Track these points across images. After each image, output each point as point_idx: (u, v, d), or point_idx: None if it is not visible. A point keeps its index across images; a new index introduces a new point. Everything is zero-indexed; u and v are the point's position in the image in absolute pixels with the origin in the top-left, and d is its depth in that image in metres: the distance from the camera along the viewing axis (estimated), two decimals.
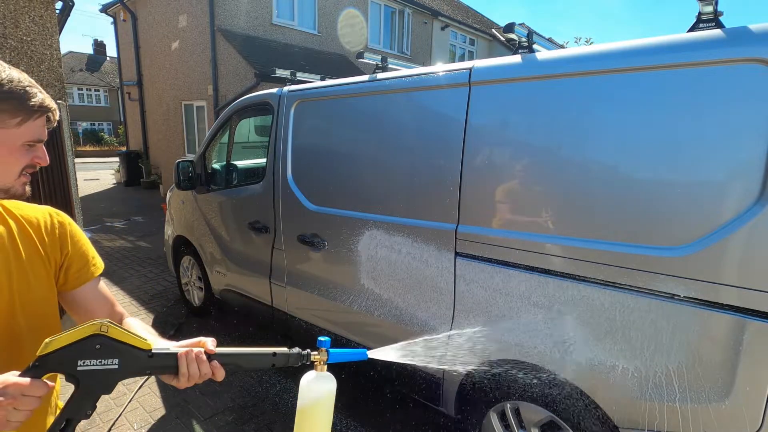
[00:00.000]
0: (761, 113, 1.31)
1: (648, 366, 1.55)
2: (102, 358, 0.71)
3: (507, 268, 1.85)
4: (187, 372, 0.76)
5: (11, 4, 3.24)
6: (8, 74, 0.78)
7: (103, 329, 0.71)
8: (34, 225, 0.92)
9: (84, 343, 0.70)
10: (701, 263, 1.42)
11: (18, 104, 0.78)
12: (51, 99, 0.86)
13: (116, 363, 0.72)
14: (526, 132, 1.82)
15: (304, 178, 2.74)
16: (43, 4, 3.47)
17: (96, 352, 0.71)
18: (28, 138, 0.81)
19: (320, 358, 0.87)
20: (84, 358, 0.70)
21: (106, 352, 0.71)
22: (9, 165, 0.80)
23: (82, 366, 0.70)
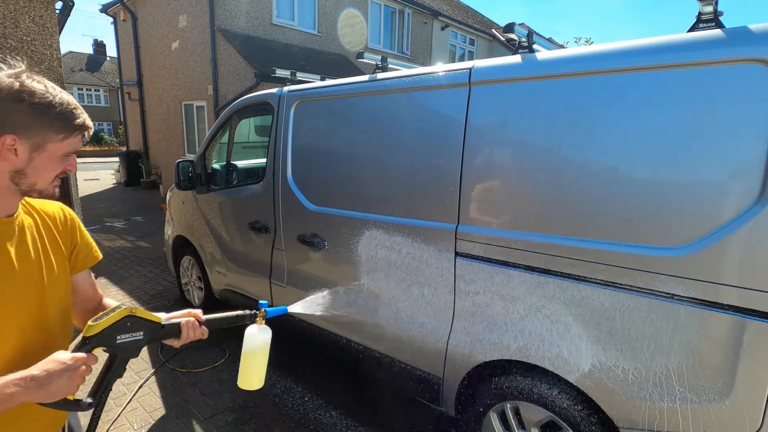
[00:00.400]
0: (761, 113, 1.31)
1: (648, 366, 1.55)
2: (132, 332, 0.96)
3: (507, 268, 1.85)
4: (187, 336, 1.08)
5: (11, 4, 3.23)
6: (60, 98, 0.92)
7: (133, 311, 0.97)
8: (51, 218, 1.08)
9: (120, 323, 0.94)
10: (701, 263, 1.42)
11: (65, 123, 0.93)
12: (89, 118, 1.02)
13: (141, 334, 0.98)
14: (526, 132, 1.82)
15: (304, 178, 2.74)
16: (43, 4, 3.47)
17: (128, 328, 0.96)
18: (67, 150, 0.96)
19: (261, 315, 1.24)
20: (120, 334, 0.95)
21: (135, 327, 0.97)
22: (48, 172, 0.95)
23: (120, 340, 0.95)
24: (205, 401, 2.80)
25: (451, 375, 2.09)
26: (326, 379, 3.08)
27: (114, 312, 0.93)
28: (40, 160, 0.92)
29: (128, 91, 13.73)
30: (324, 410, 2.75)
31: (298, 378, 3.10)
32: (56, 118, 0.91)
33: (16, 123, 0.88)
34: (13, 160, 0.90)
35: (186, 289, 4.20)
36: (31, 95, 0.88)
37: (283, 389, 2.97)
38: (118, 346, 0.94)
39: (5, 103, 0.86)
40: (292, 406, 2.78)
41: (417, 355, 2.23)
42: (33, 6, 3.39)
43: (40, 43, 3.46)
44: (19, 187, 0.94)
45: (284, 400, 2.84)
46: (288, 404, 2.80)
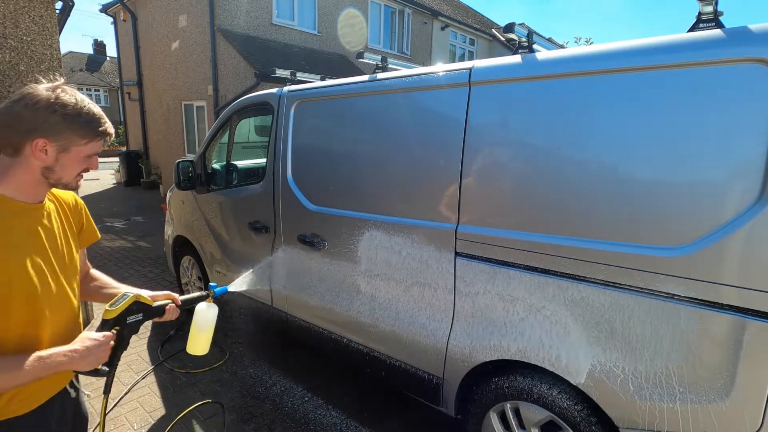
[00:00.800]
0: (761, 113, 1.31)
1: (648, 366, 1.55)
2: (136, 314, 1.23)
3: (507, 268, 1.85)
4: (168, 316, 1.36)
5: (11, 4, 3.23)
6: (88, 109, 1.09)
7: (139, 298, 1.24)
8: (66, 204, 1.28)
9: (131, 307, 1.21)
10: (701, 263, 1.42)
11: (89, 131, 1.10)
12: (111, 125, 1.17)
13: (141, 315, 1.25)
14: (526, 132, 1.82)
15: (304, 178, 2.74)
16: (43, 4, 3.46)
17: (133, 311, 1.22)
18: (89, 152, 1.13)
19: (210, 294, 1.51)
20: (129, 315, 1.21)
21: (138, 309, 1.24)
22: (73, 170, 1.13)
23: (129, 320, 1.21)
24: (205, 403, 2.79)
25: (451, 375, 2.09)
26: (326, 379, 3.08)
27: (125, 299, 1.20)
28: (66, 159, 1.10)
29: (128, 91, 13.73)
30: (324, 410, 2.75)
31: (298, 378, 3.09)
32: (82, 126, 1.08)
33: (48, 129, 1.05)
34: (43, 159, 1.07)
35: (186, 289, 4.20)
36: (63, 107, 1.05)
37: (283, 389, 2.96)
38: (127, 325, 1.20)
39: (41, 112, 1.04)
40: (292, 406, 2.78)
41: (417, 354, 2.23)
42: (33, 6, 3.38)
43: (40, 43, 3.46)
44: (48, 180, 1.11)
45: (284, 400, 2.84)
46: (288, 404, 2.80)
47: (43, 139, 1.05)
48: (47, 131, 1.05)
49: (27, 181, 1.09)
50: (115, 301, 1.19)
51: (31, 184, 1.10)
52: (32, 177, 1.09)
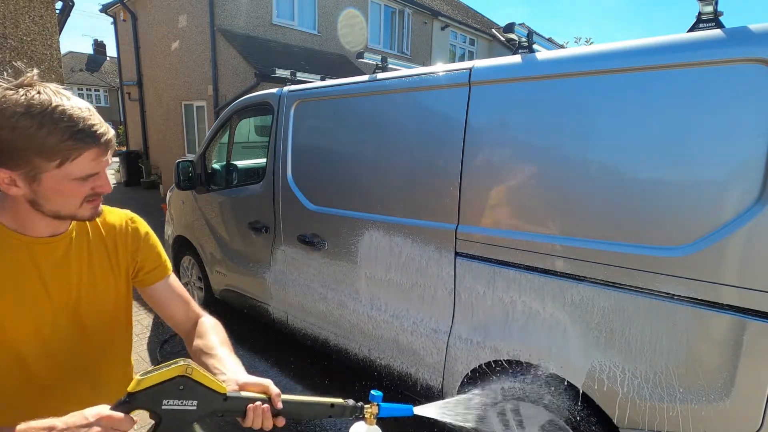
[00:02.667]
0: (761, 113, 1.31)
1: (648, 366, 1.55)
2: (184, 399, 0.75)
3: (507, 268, 1.85)
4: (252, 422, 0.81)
5: (11, 4, 3.24)
6: (53, 108, 0.78)
7: (188, 371, 0.75)
8: (110, 230, 1.01)
9: (170, 383, 0.74)
10: (701, 263, 1.42)
11: (52, 149, 0.78)
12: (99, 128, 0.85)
13: (195, 404, 0.76)
14: (526, 132, 1.82)
15: (304, 178, 2.74)
16: (43, 4, 3.47)
17: (179, 393, 0.74)
18: (77, 175, 0.81)
19: (372, 412, 0.88)
20: (168, 398, 0.74)
21: (188, 393, 0.75)
22: (65, 199, 0.83)
23: (166, 405, 0.74)
24: None
25: (451, 375, 2.09)
26: (326, 379, 3.08)
27: (167, 368, 0.74)
28: (44, 190, 0.80)
29: (128, 91, 13.73)
30: None
31: (298, 378, 3.09)
32: (42, 141, 0.75)
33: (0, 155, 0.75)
34: (17, 191, 0.79)
35: (186, 289, 4.20)
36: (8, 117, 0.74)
37: (283, 389, 2.96)
38: (163, 413, 0.74)
39: None
40: None
41: (417, 354, 2.23)
42: (33, 6, 3.39)
43: (40, 43, 3.46)
44: (44, 214, 0.84)
45: None
46: None
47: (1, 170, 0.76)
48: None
49: (23, 212, 0.84)
50: (155, 369, 0.75)
51: (28, 215, 0.85)
52: (26, 209, 0.83)
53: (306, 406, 0.89)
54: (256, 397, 0.83)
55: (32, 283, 0.86)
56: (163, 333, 3.70)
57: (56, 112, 0.76)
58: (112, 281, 1.00)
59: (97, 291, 0.97)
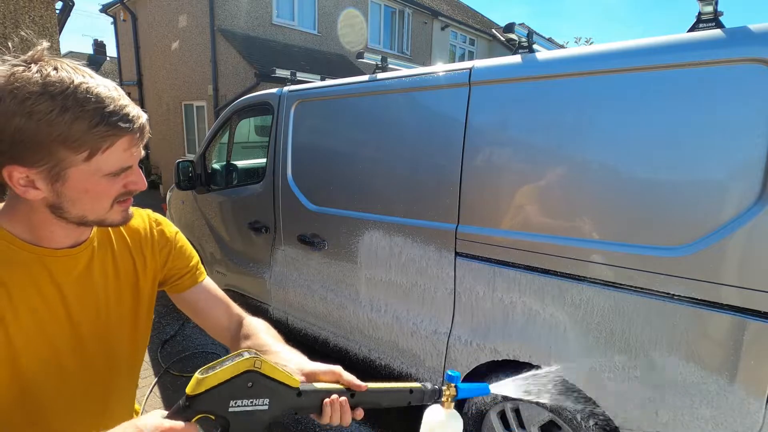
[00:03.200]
0: (761, 113, 1.31)
1: (648, 366, 1.55)
2: (254, 398, 0.62)
3: (507, 268, 1.85)
4: (330, 418, 0.70)
5: (11, 4, 3.24)
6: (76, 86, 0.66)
7: (257, 365, 0.62)
8: (134, 235, 0.87)
9: (238, 380, 0.61)
10: (701, 263, 1.42)
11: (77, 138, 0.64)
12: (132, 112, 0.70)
13: (266, 403, 0.63)
14: (526, 132, 1.82)
15: (304, 178, 2.74)
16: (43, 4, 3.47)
17: (248, 391, 0.62)
18: (109, 171, 0.69)
19: (449, 394, 0.79)
20: (236, 398, 0.61)
21: (258, 390, 0.63)
22: (94, 201, 0.70)
23: (234, 407, 0.61)
24: None
25: None
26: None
27: (231, 362, 0.61)
28: (69, 191, 0.66)
29: (128, 91, 13.68)
30: None
31: None
32: (68, 126, 0.61)
33: (8, 148, 0.61)
34: (35, 194, 0.65)
35: None
36: (23, 100, 0.59)
37: None
38: (231, 417, 0.61)
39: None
40: None
41: (417, 354, 2.23)
42: (33, 6, 3.39)
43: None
44: (67, 221, 0.70)
45: None
46: None
47: (12, 167, 0.62)
48: (9, 153, 0.61)
49: (39, 220, 0.70)
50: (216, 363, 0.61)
51: (46, 224, 0.71)
52: (43, 216, 0.69)
53: (385, 394, 0.79)
54: (332, 388, 0.72)
55: (51, 304, 0.72)
56: (163, 333, 3.70)
57: (80, 91, 0.61)
58: (138, 296, 0.87)
59: (123, 309, 0.84)
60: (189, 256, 0.97)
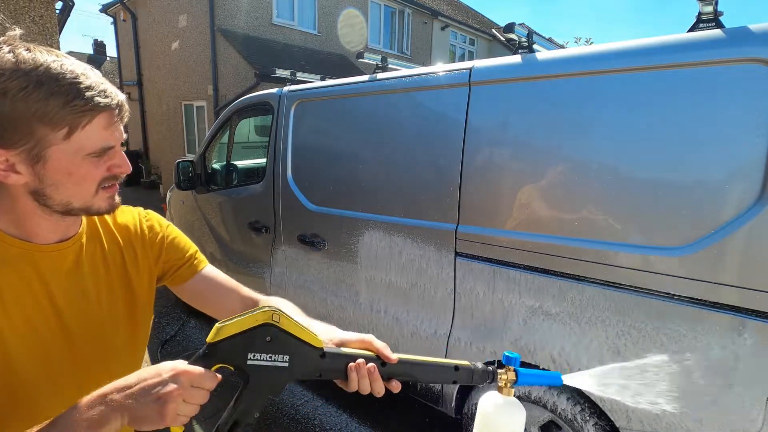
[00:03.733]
0: (761, 113, 1.31)
1: (648, 366, 1.55)
2: (273, 353, 0.61)
3: (507, 269, 1.85)
4: (358, 385, 0.66)
5: (11, 4, 3.24)
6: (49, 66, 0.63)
7: (275, 318, 0.60)
8: (125, 233, 0.85)
9: (256, 332, 0.60)
10: (701, 263, 1.42)
11: (58, 113, 0.63)
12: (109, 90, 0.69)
13: (287, 360, 0.61)
14: (526, 132, 1.82)
15: (304, 178, 2.74)
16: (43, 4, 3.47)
17: (267, 345, 0.60)
18: (90, 149, 0.66)
19: (507, 378, 0.68)
20: (255, 351, 0.60)
21: (277, 346, 0.61)
22: (78, 184, 0.67)
23: (253, 360, 0.60)
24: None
25: None
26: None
27: (251, 313, 0.60)
28: (50, 173, 0.64)
29: (128, 91, 13.71)
30: (325, 410, 2.75)
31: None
32: (44, 101, 0.60)
33: None
34: (15, 179, 0.63)
35: None
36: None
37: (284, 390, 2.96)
38: (249, 370, 0.60)
39: None
40: (292, 406, 2.78)
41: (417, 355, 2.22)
42: (33, 6, 3.39)
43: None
44: (52, 209, 0.68)
45: (284, 400, 2.84)
46: (288, 404, 2.80)
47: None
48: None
49: (23, 211, 0.68)
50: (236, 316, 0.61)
51: (30, 216, 0.69)
52: (27, 206, 0.67)
53: (423, 367, 0.72)
54: (360, 353, 0.67)
55: (39, 302, 0.70)
56: (163, 333, 3.70)
57: (54, 68, 0.61)
58: (132, 292, 0.84)
59: (116, 305, 0.81)
60: (184, 247, 0.94)
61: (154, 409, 0.54)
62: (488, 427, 0.67)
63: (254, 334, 0.59)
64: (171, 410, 0.54)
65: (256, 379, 0.61)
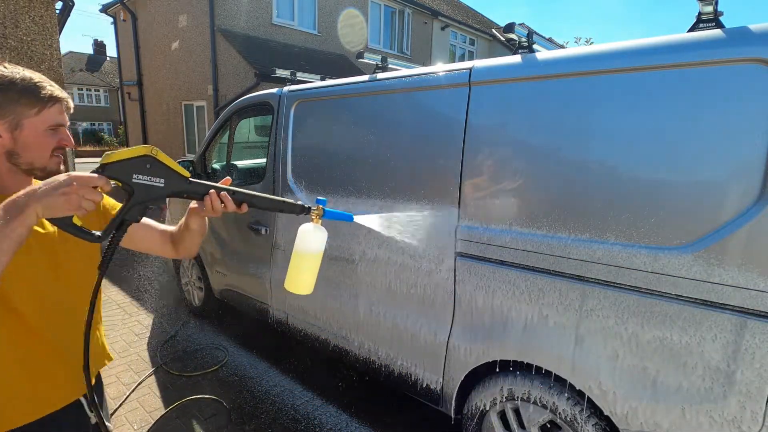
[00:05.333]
0: (761, 113, 1.31)
1: (648, 366, 1.55)
2: (151, 176, 0.87)
3: (507, 268, 1.85)
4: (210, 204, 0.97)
5: (11, 4, 3.24)
6: (21, 74, 0.96)
7: (153, 152, 0.87)
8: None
9: (138, 160, 0.85)
10: (702, 263, 1.42)
11: (32, 97, 0.96)
12: (61, 90, 1.03)
13: (162, 182, 0.88)
14: (526, 132, 1.82)
15: (304, 178, 2.74)
16: (43, 4, 3.47)
17: (147, 170, 0.86)
18: (50, 123, 0.98)
19: (317, 213, 1.08)
20: (137, 173, 0.85)
21: (155, 171, 0.87)
22: (41, 149, 0.98)
23: (136, 179, 0.85)
24: (206, 401, 2.80)
25: (452, 375, 2.09)
26: (326, 379, 3.08)
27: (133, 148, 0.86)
28: (24, 137, 0.96)
29: (128, 91, 13.73)
30: (324, 410, 2.75)
31: (298, 378, 3.09)
32: (22, 93, 0.94)
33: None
34: (2, 143, 0.94)
35: (186, 289, 4.20)
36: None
37: (283, 389, 2.96)
38: (134, 185, 0.85)
39: None
40: (292, 406, 2.78)
41: (417, 355, 2.22)
42: (33, 6, 3.39)
43: (40, 43, 3.46)
44: (20, 168, 0.98)
45: (284, 401, 2.84)
46: (288, 404, 2.80)
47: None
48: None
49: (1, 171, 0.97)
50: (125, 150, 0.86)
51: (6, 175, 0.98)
52: (2, 166, 0.97)
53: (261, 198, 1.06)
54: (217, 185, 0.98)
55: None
56: (163, 333, 3.70)
57: (30, 76, 0.97)
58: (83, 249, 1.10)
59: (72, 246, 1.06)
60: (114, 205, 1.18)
61: (61, 199, 0.75)
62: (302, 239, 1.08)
63: (138, 161, 0.85)
64: (74, 199, 0.76)
65: (139, 192, 0.86)
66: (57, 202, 0.75)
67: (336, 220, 1.12)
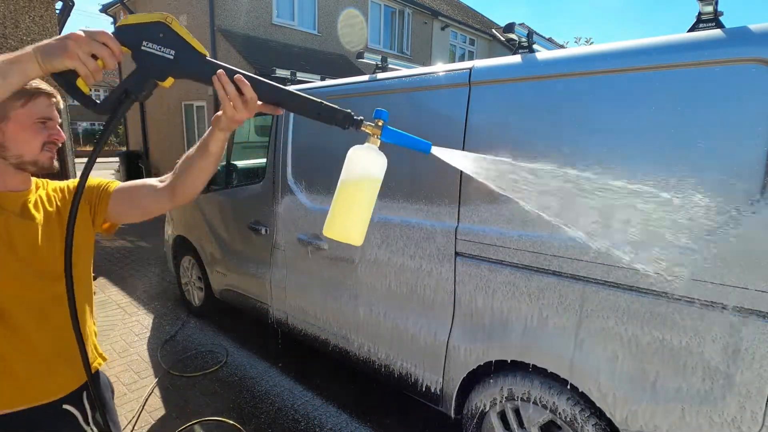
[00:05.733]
0: (761, 113, 1.31)
1: (648, 366, 1.55)
2: (162, 46, 0.78)
3: (507, 268, 1.85)
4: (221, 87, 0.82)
5: (11, 4, 3.24)
6: None
7: (168, 20, 0.78)
8: (59, 193, 1.12)
9: (150, 26, 0.77)
10: (701, 263, 1.42)
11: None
12: (47, 84, 1.01)
13: (172, 54, 0.78)
14: (526, 132, 1.81)
15: (304, 178, 2.74)
16: (43, 4, 3.47)
17: (159, 39, 0.78)
18: (37, 116, 0.98)
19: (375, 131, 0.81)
20: (148, 40, 0.78)
21: (167, 41, 0.78)
22: (30, 141, 0.97)
23: (146, 47, 0.78)
24: (205, 401, 2.79)
25: (451, 375, 2.09)
26: (327, 380, 3.08)
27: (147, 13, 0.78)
28: (11, 129, 0.95)
29: None
30: (324, 410, 2.75)
31: (298, 378, 3.09)
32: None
33: None
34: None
35: (186, 289, 4.20)
36: None
37: (283, 389, 2.96)
38: (142, 54, 0.78)
39: None
40: (292, 406, 2.78)
41: (417, 355, 2.22)
42: (33, 6, 3.39)
43: None
44: (8, 161, 0.97)
45: (284, 401, 2.84)
46: (288, 404, 2.80)
47: None
48: None
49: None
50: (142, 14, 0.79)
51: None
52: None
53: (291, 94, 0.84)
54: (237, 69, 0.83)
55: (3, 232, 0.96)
56: (163, 333, 3.70)
57: None
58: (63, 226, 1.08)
59: (53, 231, 1.06)
60: (98, 185, 1.17)
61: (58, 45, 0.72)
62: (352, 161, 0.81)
63: (149, 27, 0.77)
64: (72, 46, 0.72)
65: (146, 63, 0.78)
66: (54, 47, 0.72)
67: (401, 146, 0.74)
